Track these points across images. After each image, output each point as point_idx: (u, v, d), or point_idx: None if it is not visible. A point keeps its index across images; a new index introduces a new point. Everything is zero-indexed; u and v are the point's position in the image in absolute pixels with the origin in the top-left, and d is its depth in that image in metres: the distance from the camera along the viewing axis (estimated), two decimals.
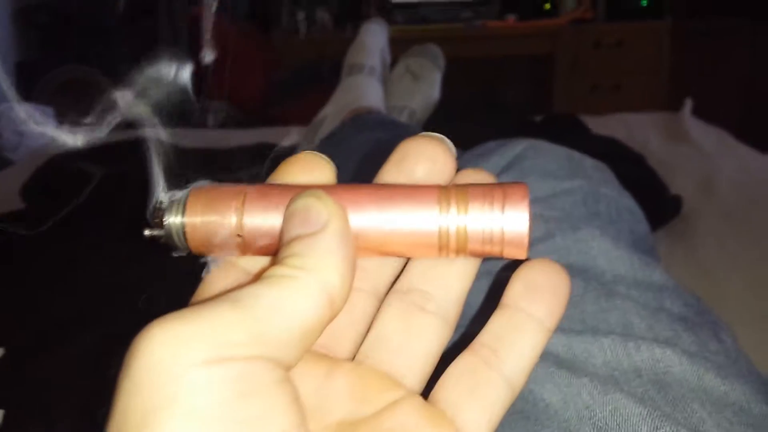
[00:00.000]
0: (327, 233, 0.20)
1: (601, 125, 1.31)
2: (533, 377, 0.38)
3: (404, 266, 0.25)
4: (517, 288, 0.23)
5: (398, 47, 1.40)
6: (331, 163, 0.23)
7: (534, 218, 0.50)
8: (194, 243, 0.22)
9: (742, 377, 0.38)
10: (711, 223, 1.00)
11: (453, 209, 0.22)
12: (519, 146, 0.58)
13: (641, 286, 0.44)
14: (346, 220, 0.21)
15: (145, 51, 0.25)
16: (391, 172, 0.24)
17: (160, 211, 0.23)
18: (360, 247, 0.22)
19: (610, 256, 0.46)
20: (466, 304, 0.24)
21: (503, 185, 0.22)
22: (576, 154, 0.58)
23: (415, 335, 0.23)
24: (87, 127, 0.26)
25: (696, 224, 1.00)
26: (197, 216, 0.22)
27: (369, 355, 0.24)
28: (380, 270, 0.25)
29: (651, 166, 1.09)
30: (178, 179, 0.25)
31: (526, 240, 0.22)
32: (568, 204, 0.52)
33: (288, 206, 0.21)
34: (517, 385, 0.22)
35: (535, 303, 0.22)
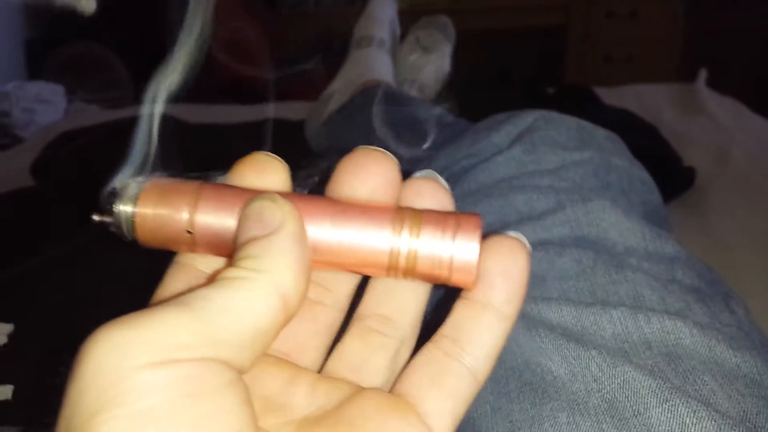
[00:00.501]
0: (281, 234, 0.20)
1: (614, 97, 1.30)
2: (541, 349, 0.38)
3: (363, 281, 0.25)
4: None
5: (408, 19, 1.38)
6: (285, 164, 0.23)
7: (545, 190, 0.50)
8: (142, 234, 0.23)
9: (755, 349, 0.38)
10: (725, 195, 0.99)
11: (405, 232, 0.22)
12: (530, 117, 0.57)
13: (653, 258, 0.44)
14: (300, 222, 0.21)
15: (151, 26, 0.25)
16: (335, 188, 0.23)
17: (112, 197, 0.23)
18: (311, 259, 0.22)
19: (621, 227, 0.46)
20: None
21: (457, 214, 0.22)
22: (587, 125, 0.57)
23: (374, 351, 0.24)
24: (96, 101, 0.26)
25: (709, 196, 0.99)
26: (149, 207, 0.22)
27: (332, 371, 0.24)
28: (340, 285, 0.25)
29: (664, 137, 1.07)
30: (178, 156, 0.25)
31: (474, 269, 0.22)
32: (579, 175, 0.51)
33: (243, 209, 0.21)
34: (481, 374, 0.22)
35: (491, 290, 0.22)
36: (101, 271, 0.76)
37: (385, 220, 0.22)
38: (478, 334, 0.22)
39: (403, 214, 0.22)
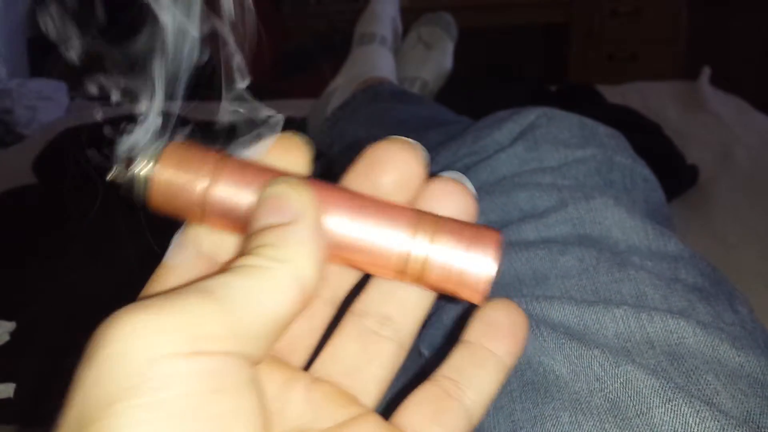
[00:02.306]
0: (301, 224, 0.19)
1: (617, 95, 1.29)
2: (543, 348, 0.38)
3: (362, 279, 0.24)
4: (478, 325, 0.23)
5: (410, 16, 1.38)
6: (309, 146, 0.23)
7: (547, 187, 0.49)
8: (156, 198, 0.22)
9: (758, 349, 0.37)
10: (728, 193, 0.98)
11: (422, 237, 0.21)
12: (532, 114, 0.57)
13: (656, 256, 0.43)
14: (318, 212, 0.20)
15: (153, 22, 0.24)
16: (357, 178, 0.23)
17: (130, 157, 0.22)
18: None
19: (624, 225, 0.45)
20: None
21: (478, 227, 0.22)
22: (589, 122, 0.56)
23: (372, 359, 0.23)
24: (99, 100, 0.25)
25: (713, 194, 0.98)
26: (168, 170, 0.21)
27: (325, 373, 0.23)
28: (340, 279, 0.24)
29: (667, 135, 1.07)
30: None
31: (487, 287, 0.21)
32: (581, 173, 0.51)
33: (262, 190, 0.20)
34: (475, 418, 0.23)
35: (497, 341, 0.23)
36: (103, 268, 0.76)
37: (403, 222, 0.21)
38: (480, 379, 0.23)
39: (422, 218, 0.21)
